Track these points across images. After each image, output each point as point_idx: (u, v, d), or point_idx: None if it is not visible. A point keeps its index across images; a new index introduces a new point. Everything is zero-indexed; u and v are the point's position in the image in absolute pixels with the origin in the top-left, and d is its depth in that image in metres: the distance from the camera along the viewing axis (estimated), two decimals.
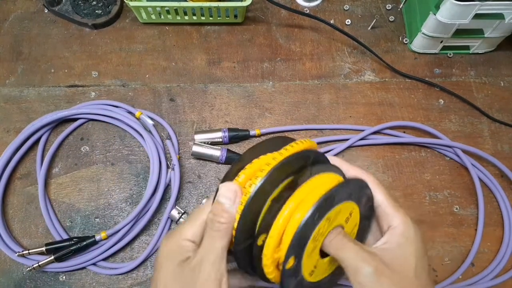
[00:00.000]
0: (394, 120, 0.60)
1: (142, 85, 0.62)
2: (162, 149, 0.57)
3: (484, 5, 0.52)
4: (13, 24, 0.65)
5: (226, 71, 0.63)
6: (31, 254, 0.51)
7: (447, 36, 0.60)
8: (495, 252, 0.54)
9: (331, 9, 0.67)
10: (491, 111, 0.61)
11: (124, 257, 0.53)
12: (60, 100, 0.61)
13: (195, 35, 0.65)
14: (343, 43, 0.65)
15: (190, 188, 0.57)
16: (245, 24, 0.66)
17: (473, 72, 0.64)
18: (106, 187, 0.57)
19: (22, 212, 0.55)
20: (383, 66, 0.63)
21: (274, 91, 0.62)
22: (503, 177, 0.58)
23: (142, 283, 0.52)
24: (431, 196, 0.57)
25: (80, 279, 0.52)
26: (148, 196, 0.53)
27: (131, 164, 0.58)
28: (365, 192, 0.30)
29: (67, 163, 0.58)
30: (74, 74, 0.62)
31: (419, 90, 0.62)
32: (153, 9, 0.61)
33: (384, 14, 0.67)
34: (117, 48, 0.64)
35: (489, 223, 0.55)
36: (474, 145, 0.58)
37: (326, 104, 0.61)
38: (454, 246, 0.54)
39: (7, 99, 0.61)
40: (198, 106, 0.61)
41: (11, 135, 0.59)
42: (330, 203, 0.28)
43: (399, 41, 0.66)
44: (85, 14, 0.64)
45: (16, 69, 0.63)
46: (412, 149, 0.59)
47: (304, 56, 0.64)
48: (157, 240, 0.53)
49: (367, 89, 0.62)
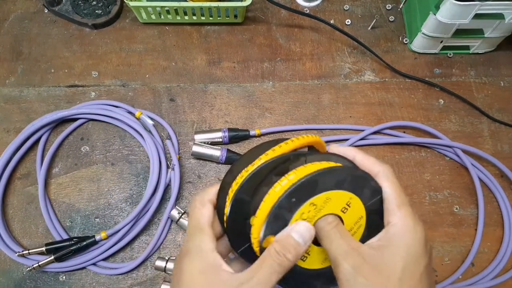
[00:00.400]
0: (394, 120, 0.60)
1: (142, 85, 0.62)
2: (162, 149, 0.57)
3: (484, 5, 0.52)
4: (13, 24, 0.65)
5: (226, 71, 0.63)
6: (31, 254, 0.51)
7: (447, 36, 0.60)
8: (495, 252, 0.54)
9: (331, 9, 0.67)
10: (491, 111, 0.61)
11: (124, 257, 0.53)
12: (60, 100, 0.61)
13: (195, 35, 0.65)
14: (343, 43, 0.65)
15: (190, 188, 0.57)
16: (245, 24, 0.66)
17: (473, 72, 0.64)
18: (106, 187, 0.57)
19: (22, 212, 0.55)
20: (383, 66, 0.63)
21: (274, 91, 0.62)
22: (503, 177, 0.58)
23: (142, 283, 0.52)
24: (431, 196, 0.57)
25: (80, 279, 0.52)
26: (148, 196, 0.53)
27: (131, 164, 0.58)
28: (368, 184, 0.29)
29: (67, 163, 0.58)
30: (74, 74, 0.62)
31: (419, 90, 0.62)
32: (153, 9, 0.61)
33: (384, 14, 0.67)
34: (117, 48, 0.64)
35: (489, 223, 0.55)
36: (474, 145, 0.58)
37: (326, 104, 0.61)
38: (454, 246, 0.54)
39: (7, 99, 0.61)
40: (198, 106, 0.61)
41: (11, 135, 0.59)
42: (312, 188, 0.27)
43: (399, 41, 0.66)
44: (85, 14, 0.64)
45: (16, 69, 0.63)
46: (412, 149, 0.59)
47: (304, 56, 0.64)
48: (157, 240, 0.53)
49: (367, 89, 0.62)
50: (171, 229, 0.55)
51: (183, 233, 0.54)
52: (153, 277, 0.52)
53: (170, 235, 0.54)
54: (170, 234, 0.54)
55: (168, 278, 0.52)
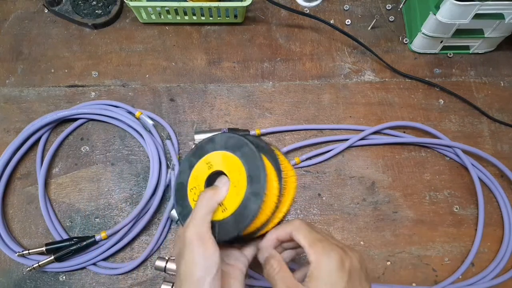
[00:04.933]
0: (394, 120, 0.60)
1: (142, 85, 0.62)
2: (162, 149, 0.57)
3: (484, 5, 0.52)
4: (13, 24, 0.65)
5: (226, 71, 0.63)
6: (31, 254, 0.51)
7: (447, 36, 0.60)
8: (495, 252, 0.54)
9: (331, 9, 0.67)
10: (491, 111, 0.61)
11: (124, 257, 0.53)
12: (60, 100, 0.61)
13: (195, 35, 0.65)
14: (343, 43, 0.65)
15: None
16: (245, 24, 0.66)
17: (473, 72, 0.64)
18: (106, 187, 0.57)
19: (22, 212, 0.55)
20: (383, 66, 0.63)
21: (274, 91, 0.62)
22: (503, 177, 0.58)
23: (142, 283, 0.52)
24: (431, 196, 0.57)
25: (80, 279, 0.52)
26: (148, 196, 0.53)
27: (131, 164, 0.58)
28: (246, 148, 0.36)
29: (67, 163, 0.58)
30: (74, 74, 0.63)
31: (419, 90, 0.62)
32: (153, 9, 0.61)
33: (384, 14, 0.67)
34: (117, 48, 0.64)
35: (489, 223, 0.55)
36: (474, 145, 0.58)
37: (326, 104, 0.61)
38: (454, 246, 0.54)
39: (7, 99, 0.61)
40: (198, 106, 0.61)
41: (11, 135, 0.59)
42: (203, 151, 0.38)
43: (399, 41, 0.66)
44: (85, 14, 0.64)
45: (16, 69, 0.63)
46: (412, 149, 0.59)
47: (304, 56, 0.64)
48: (157, 240, 0.53)
49: (367, 89, 0.62)
50: (171, 229, 0.55)
51: None
52: (153, 277, 0.52)
53: (170, 235, 0.54)
54: (170, 234, 0.54)
55: (168, 278, 0.52)
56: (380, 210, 0.56)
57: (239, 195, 0.35)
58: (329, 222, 0.55)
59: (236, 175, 0.36)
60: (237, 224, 0.35)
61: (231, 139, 0.37)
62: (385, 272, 0.53)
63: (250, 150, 0.36)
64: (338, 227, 0.55)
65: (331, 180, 0.57)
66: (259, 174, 0.34)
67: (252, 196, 0.34)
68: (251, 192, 0.35)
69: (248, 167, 0.35)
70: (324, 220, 0.55)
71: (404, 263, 0.53)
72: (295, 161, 0.57)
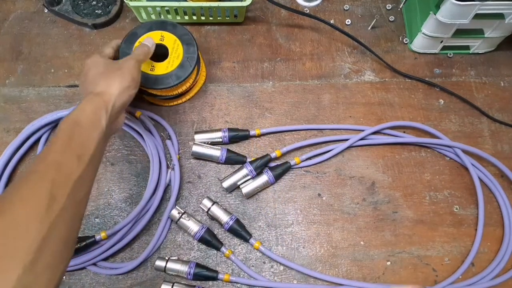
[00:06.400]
0: (394, 120, 0.60)
1: None
2: (162, 149, 0.57)
3: (484, 5, 0.52)
4: (13, 24, 0.65)
5: (226, 71, 0.63)
6: None
7: (447, 36, 0.60)
8: (495, 252, 0.54)
9: (331, 9, 0.67)
10: (491, 111, 0.61)
11: (124, 257, 0.53)
12: (60, 100, 0.61)
13: (195, 35, 0.65)
14: (343, 43, 0.65)
15: (190, 188, 0.57)
16: (245, 24, 0.66)
17: (473, 72, 0.64)
18: (106, 187, 0.57)
19: None
20: (383, 66, 0.63)
21: (274, 91, 0.62)
22: (503, 177, 0.58)
23: (142, 283, 0.52)
24: (431, 196, 0.57)
25: (80, 279, 0.52)
26: (148, 196, 0.53)
27: (131, 164, 0.58)
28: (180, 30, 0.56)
29: None
30: (74, 74, 0.62)
31: (419, 90, 0.62)
32: (153, 9, 0.61)
33: (384, 14, 0.67)
34: None
35: (489, 223, 0.55)
36: (474, 145, 0.58)
37: (326, 104, 0.61)
38: (454, 246, 0.54)
39: (7, 99, 0.61)
40: (198, 106, 0.61)
41: (11, 135, 0.59)
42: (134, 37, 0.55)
43: (399, 41, 0.66)
44: (85, 14, 0.64)
45: (16, 69, 0.63)
46: (412, 149, 0.59)
47: (304, 56, 0.64)
48: (157, 240, 0.53)
49: (367, 89, 0.62)
50: (171, 229, 0.55)
51: (183, 233, 0.54)
52: (153, 277, 0.52)
53: (170, 235, 0.54)
54: (170, 234, 0.54)
55: (168, 278, 0.52)
56: (380, 210, 0.56)
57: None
58: (329, 222, 0.55)
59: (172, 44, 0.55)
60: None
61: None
62: (385, 272, 0.53)
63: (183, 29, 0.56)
64: (338, 227, 0.55)
65: (331, 180, 0.57)
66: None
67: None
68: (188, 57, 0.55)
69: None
70: (324, 220, 0.55)
71: (404, 263, 0.53)
72: (295, 161, 0.57)
